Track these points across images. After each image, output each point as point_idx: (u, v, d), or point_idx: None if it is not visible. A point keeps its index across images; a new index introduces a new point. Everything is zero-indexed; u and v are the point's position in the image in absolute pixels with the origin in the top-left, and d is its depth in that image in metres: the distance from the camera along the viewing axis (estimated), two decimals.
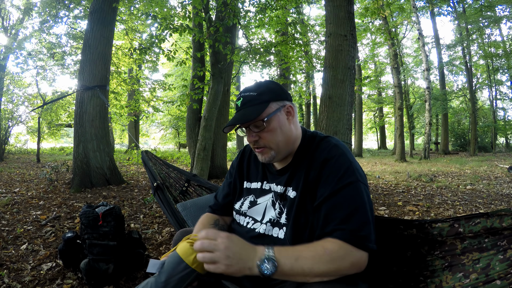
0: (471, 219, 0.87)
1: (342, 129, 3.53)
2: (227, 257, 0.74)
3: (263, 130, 0.95)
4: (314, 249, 0.79)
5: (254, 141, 0.97)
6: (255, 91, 0.96)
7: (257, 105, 0.94)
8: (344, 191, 0.85)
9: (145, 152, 2.59)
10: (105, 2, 5.37)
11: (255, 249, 0.79)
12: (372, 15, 6.98)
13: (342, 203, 0.83)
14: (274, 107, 0.96)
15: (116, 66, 10.37)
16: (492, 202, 4.08)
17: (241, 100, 0.97)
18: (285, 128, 0.97)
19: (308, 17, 15.48)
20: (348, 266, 0.78)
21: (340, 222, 0.82)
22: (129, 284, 1.82)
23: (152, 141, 26.16)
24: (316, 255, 0.78)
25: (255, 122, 0.94)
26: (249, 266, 0.76)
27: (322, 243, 0.81)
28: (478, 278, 0.78)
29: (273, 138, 0.95)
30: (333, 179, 0.86)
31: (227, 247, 0.75)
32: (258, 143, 0.96)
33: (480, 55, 17.23)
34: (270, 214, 0.97)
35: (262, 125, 0.94)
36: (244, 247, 0.78)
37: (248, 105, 0.95)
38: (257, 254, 0.77)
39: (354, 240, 0.79)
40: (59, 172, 6.12)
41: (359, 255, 0.79)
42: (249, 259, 0.76)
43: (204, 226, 1.08)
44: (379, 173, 7.66)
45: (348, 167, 0.88)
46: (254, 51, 6.29)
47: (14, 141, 12.67)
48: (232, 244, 0.76)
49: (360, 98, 19.05)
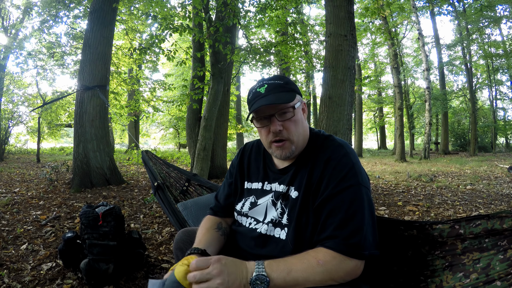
0: (471, 220, 0.87)
1: (342, 129, 3.53)
2: (223, 281, 0.72)
3: (289, 119, 0.92)
4: (307, 260, 0.78)
5: (278, 132, 0.92)
6: (281, 80, 0.94)
7: (287, 92, 0.92)
8: (343, 195, 0.83)
9: (145, 152, 2.59)
10: (105, 2, 5.37)
11: (246, 266, 0.78)
12: (372, 15, 6.97)
13: (340, 207, 0.82)
14: (298, 99, 0.95)
15: (116, 66, 10.37)
16: (492, 202, 4.08)
17: (265, 87, 0.92)
18: (304, 123, 0.96)
19: (308, 17, 15.49)
20: (342, 275, 0.78)
21: (335, 228, 0.81)
22: (129, 284, 1.82)
23: (152, 141, 26.16)
24: (309, 266, 0.77)
25: (287, 107, 0.91)
26: (244, 283, 0.75)
27: (315, 253, 0.80)
28: (479, 278, 0.78)
29: (297, 130, 0.93)
30: (333, 181, 0.85)
31: (220, 271, 0.73)
32: (281, 134, 0.92)
33: (480, 55, 17.22)
34: (271, 214, 0.96)
35: (291, 113, 0.91)
36: (236, 265, 0.77)
37: (276, 91, 0.91)
38: (249, 271, 0.77)
39: (347, 250, 0.78)
40: (59, 172, 6.12)
41: (353, 264, 0.79)
42: (242, 277, 0.76)
43: (208, 230, 1.05)
44: (379, 173, 7.66)
45: (350, 169, 0.86)
46: (254, 51, 6.29)
47: (14, 141, 12.67)
48: (225, 267, 0.75)
49: (360, 98, 19.05)
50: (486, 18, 14.57)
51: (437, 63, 16.79)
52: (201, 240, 0.99)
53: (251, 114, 0.95)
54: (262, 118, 0.94)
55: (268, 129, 0.93)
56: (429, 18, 17.02)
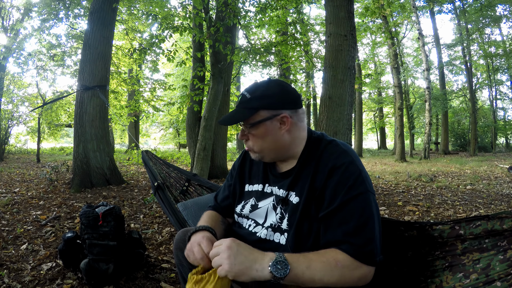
0: (472, 221, 0.87)
1: (342, 129, 3.53)
2: (229, 256, 0.74)
3: (251, 133, 0.96)
4: (327, 260, 0.79)
5: (243, 140, 0.99)
6: (251, 94, 0.94)
7: (246, 109, 0.94)
8: (353, 203, 0.83)
9: (145, 152, 2.59)
10: (105, 2, 5.37)
11: (264, 253, 0.79)
12: (372, 14, 6.97)
13: (352, 215, 0.82)
14: (264, 115, 0.92)
15: (116, 66, 10.37)
16: (492, 202, 4.08)
17: (239, 99, 0.97)
18: (275, 136, 0.94)
19: (308, 17, 15.48)
20: (355, 280, 0.79)
21: (349, 235, 0.81)
22: (129, 284, 1.82)
23: (152, 141, 26.17)
24: (328, 266, 0.78)
25: (239, 124, 0.97)
26: (257, 267, 0.75)
27: (334, 254, 0.80)
28: (478, 279, 0.78)
29: (257, 143, 0.96)
30: (342, 189, 0.85)
31: (228, 246, 0.76)
32: (247, 143, 0.99)
33: (480, 55, 17.23)
34: (271, 219, 0.96)
35: (248, 129, 0.95)
36: (250, 249, 0.79)
37: (240, 107, 0.96)
38: (267, 256, 0.77)
39: (363, 256, 0.80)
40: (59, 172, 6.12)
41: (367, 270, 0.80)
42: (256, 261, 0.76)
43: (215, 222, 1.07)
44: (379, 173, 7.66)
45: (358, 176, 0.86)
46: (254, 51, 6.28)
47: (14, 141, 12.67)
48: (235, 244, 0.77)
49: (360, 98, 19.04)
50: (486, 18, 14.57)
51: (437, 63, 16.80)
52: (206, 221, 1.05)
53: None
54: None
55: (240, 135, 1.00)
56: (429, 17, 17.02)
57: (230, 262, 0.74)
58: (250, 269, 0.75)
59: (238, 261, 0.74)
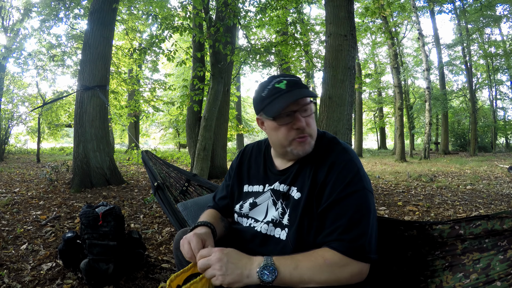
0: (471, 221, 0.87)
1: (342, 129, 3.53)
2: (221, 267, 0.76)
3: (310, 115, 0.91)
4: (314, 258, 0.79)
5: (303, 128, 0.89)
6: (295, 77, 0.93)
7: (306, 88, 0.91)
8: (349, 199, 0.84)
9: (145, 152, 2.59)
10: (105, 2, 5.37)
11: (252, 258, 0.79)
12: (372, 14, 6.97)
13: (346, 212, 0.83)
14: None
15: (116, 66, 10.36)
16: (492, 202, 4.08)
17: (285, 83, 0.89)
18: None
19: (308, 17, 15.48)
20: (348, 277, 0.79)
21: (341, 231, 0.81)
22: (129, 284, 1.82)
23: (152, 141, 26.15)
24: (316, 265, 0.78)
25: (308, 103, 0.91)
26: (247, 274, 0.76)
27: (322, 252, 0.80)
28: (478, 278, 0.78)
29: (315, 126, 0.94)
30: (339, 186, 0.85)
31: (219, 258, 0.77)
32: (305, 130, 0.90)
33: (480, 55, 17.22)
34: (272, 214, 0.96)
35: (311, 109, 0.92)
36: (238, 256, 0.79)
37: (298, 87, 0.89)
38: (255, 262, 0.78)
39: (353, 253, 0.79)
40: (59, 172, 6.12)
41: (359, 266, 0.80)
42: (246, 267, 0.77)
43: (215, 219, 1.06)
44: (379, 173, 7.66)
45: (355, 174, 0.86)
46: (254, 51, 6.28)
47: (14, 141, 12.67)
48: (224, 255, 0.77)
49: (360, 98, 19.04)
50: (486, 18, 14.57)
51: (437, 63, 16.79)
52: (205, 218, 1.04)
53: (272, 112, 0.88)
54: (284, 115, 0.89)
55: (289, 127, 0.90)
56: (429, 17, 17.03)
57: (222, 273, 0.75)
58: (241, 276, 0.76)
59: (230, 271, 0.76)
